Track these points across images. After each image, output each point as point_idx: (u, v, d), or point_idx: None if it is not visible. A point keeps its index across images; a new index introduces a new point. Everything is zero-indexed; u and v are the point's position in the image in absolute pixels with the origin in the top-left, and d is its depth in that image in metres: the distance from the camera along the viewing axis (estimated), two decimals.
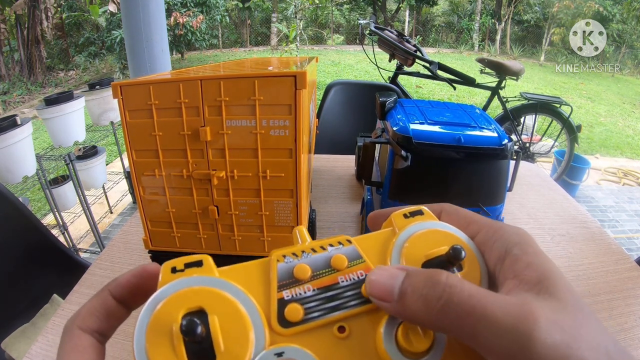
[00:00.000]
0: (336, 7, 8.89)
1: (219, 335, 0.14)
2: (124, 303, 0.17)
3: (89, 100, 1.74)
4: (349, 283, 0.16)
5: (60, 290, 0.84)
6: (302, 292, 0.15)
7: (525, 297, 0.14)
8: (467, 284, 0.14)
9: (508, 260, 0.16)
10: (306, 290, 0.15)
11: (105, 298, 0.17)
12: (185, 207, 0.38)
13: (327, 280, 0.16)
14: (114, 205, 2.25)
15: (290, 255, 0.16)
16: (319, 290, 0.15)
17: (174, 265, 0.16)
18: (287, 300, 0.15)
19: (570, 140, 2.17)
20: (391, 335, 0.15)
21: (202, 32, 5.86)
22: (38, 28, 5.21)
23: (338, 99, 1.24)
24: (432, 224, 0.18)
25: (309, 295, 0.15)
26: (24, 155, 1.34)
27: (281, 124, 0.34)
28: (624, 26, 6.82)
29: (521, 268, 0.15)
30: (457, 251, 0.15)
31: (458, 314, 0.13)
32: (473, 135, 0.41)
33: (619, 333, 0.45)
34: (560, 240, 0.63)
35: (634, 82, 6.35)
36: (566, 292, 0.14)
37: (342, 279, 0.16)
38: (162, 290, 0.15)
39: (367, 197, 0.56)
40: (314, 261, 0.16)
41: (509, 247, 0.16)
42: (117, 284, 0.17)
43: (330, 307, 0.15)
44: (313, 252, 0.16)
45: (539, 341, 0.12)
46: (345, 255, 0.16)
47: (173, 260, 0.16)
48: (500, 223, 0.18)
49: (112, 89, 0.34)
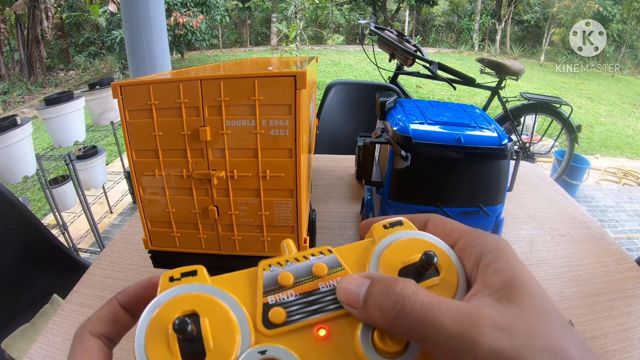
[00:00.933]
0: (336, 7, 8.89)
1: (209, 335, 0.15)
2: (130, 311, 0.19)
3: (89, 100, 1.74)
4: (329, 289, 0.17)
5: (60, 290, 0.84)
6: (285, 297, 0.17)
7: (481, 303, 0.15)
8: (422, 293, 0.15)
9: (481, 265, 0.17)
10: (289, 295, 0.17)
11: (114, 306, 0.18)
12: (185, 207, 0.38)
13: (309, 287, 0.17)
14: (114, 205, 2.25)
15: (276, 264, 0.18)
16: (301, 295, 0.17)
17: (172, 275, 0.17)
18: (272, 304, 0.16)
19: (570, 140, 2.17)
20: (367, 336, 0.16)
21: (202, 32, 5.86)
22: (38, 28, 5.21)
23: (338, 99, 1.24)
24: (410, 233, 0.19)
25: (291, 300, 0.17)
26: (24, 155, 1.34)
27: (281, 124, 0.34)
28: (624, 26, 6.81)
29: (489, 274, 0.16)
30: (429, 257, 0.17)
31: (410, 323, 0.14)
32: (473, 135, 0.41)
33: (618, 333, 0.45)
34: (560, 240, 0.63)
35: (634, 82, 6.35)
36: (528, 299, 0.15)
37: (323, 285, 0.17)
38: (160, 297, 0.16)
39: (367, 197, 0.56)
40: (296, 269, 0.18)
41: (485, 252, 0.17)
42: (125, 294, 0.19)
43: (311, 310, 0.16)
44: (296, 262, 0.18)
45: (484, 346, 0.13)
46: (326, 264, 0.18)
47: (171, 270, 0.17)
48: (480, 231, 0.19)
49: (112, 89, 0.34)
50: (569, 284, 0.53)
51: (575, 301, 0.50)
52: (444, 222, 0.20)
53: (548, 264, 0.57)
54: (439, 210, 0.41)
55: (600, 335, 0.45)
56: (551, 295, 0.51)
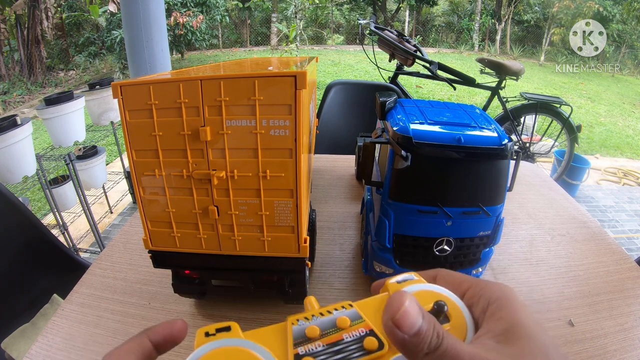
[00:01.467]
0: (336, 7, 8.88)
1: None
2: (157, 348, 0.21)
3: (89, 100, 1.74)
4: (352, 339, 0.19)
5: (60, 290, 0.84)
6: (313, 347, 0.18)
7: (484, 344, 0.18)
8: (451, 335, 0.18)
9: (487, 313, 0.19)
10: (317, 346, 0.19)
11: (144, 342, 0.20)
12: (185, 207, 0.38)
13: (334, 337, 0.19)
14: (114, 205, 2.25)
15: (303, 319, 0.20)
16: (328, 345, 0.19)
17: (207, 331, 0.19)
18: (302, 354, 0.18)
19: (570, 140, 2.17)
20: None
21: (202, 32, 5.85)
22: (38, 28, 5.21)
23: (338, 99, 1.24)
24: (422, 286, 0.21)
25: (319, 350, 0.18)
26: (24, 155, 1.34)
27: (281, 124, 0.34)
28: (624, 26, 6.81)
29: (494, 320, 0.19)
30: (440, 306, 0.19)
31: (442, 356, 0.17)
32: (473, 135, 0.41)
33: (618, 333, 0.45)
34: (560, 240, 0.63)
35: (634, 82, 6.35)
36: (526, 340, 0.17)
37: (347, 336, 0.19)
38: (198, 351, 0.18)
39: (367, 197, 0.56)
40: (322, 323, 0.20)
41: (491, 301, 0.20)
42: (156, 332, 0.21)
43: (337, 358, 0.18)
44: (321, 316, 0.20)
45: None
46: (348, 317, 0.20)
47: (206, 326, 0.20)
48: (487, 281, 0.21)
49: (112, 89, 0.34)
50: (569, 284, 0.53)
51: (575, 301, 0.50)
52: (451, 275, 0.23)
53: (548, 264, 0.57)
54: (439, 210, 0.41)
55: (600, 335, 0.45)
56: (551, 295, 0.51)
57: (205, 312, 0.47)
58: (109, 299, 0.49)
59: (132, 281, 0.52)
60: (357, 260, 0.57)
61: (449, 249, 0.44)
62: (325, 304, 0.21)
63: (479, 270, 0.48)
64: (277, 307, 0.48)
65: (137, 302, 0.49)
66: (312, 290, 0.50)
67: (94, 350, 0.43)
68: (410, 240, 0.44)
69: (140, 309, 0.48)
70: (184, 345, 0.44)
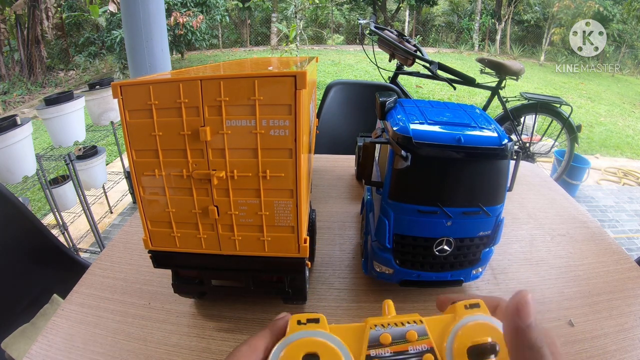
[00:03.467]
0: (336, 7, 8.89)
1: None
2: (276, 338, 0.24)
3: (89, 100, 1.75)
4: (416, 352, 0.21)
5: (60, 290, 0.84)
6: (382, 352, 0.21)
7: None
8: None
9: None
10: (386, 352, 0.21)
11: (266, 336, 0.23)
12: (185, 207, 0.37)
13: (401, 347, 0.22)
14: (114, 205, 2.25)
15: (380, 325, 0.23)
16: (394, 353, 0.21)
17: (299, 319, 0.23)
18: (372, 356, 0.21)
19: (570, 140, 2.17)
20: None
21: (202, 32, 5.86)
22: (38, 28, 5.21)
23: (338, 99, 1.24)
24: (484, 318, 0.23)
25: (387, 356, 0.21)
26: (24, 155, 1.34)
27: (281, 124, 0.34)
28: (624, 26, 6.81)
29: None
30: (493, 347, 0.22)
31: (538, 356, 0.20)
32: (473, 135, 0.41)
33: (618, 333, 0.45)
34: (560, 240, 0.63)
35: (634, 82, 6.35)
36: None
37: (412, 348, 0.22)
38: (292, 336, 0.22)
39: (367, 197, 0.56)
40: (394, 332, 0.22)
41: None
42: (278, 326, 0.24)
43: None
44: (395, 326, 0.23)
45: None
46: (417, 331, 0.22)
47: (299, 315, 0.23)
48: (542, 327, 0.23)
49: (112, 89, 0.34)
50: (569, 284, 0.53)
51: (575, 301, 0.50)
52: None
53: (548, 264, 0.57)
54: (439, 210, 0.41)
55: (600, 335, 0.45)
56: (551, 295, 0.51)
57: (205, 312, 0.47)
58: (109, 299, 0.49)
59: (132, 281, 0.52)
60: (357, 260, 0.57)
61: (448, 249, 0.44)
62: (325, 304, 0.23)
63: (479, 271, 0.48)
64: (277, 307, 0.48)
65: (137, 302, 0.49)
66: (312, 290, 0.50)
67: (94, 350, 0.42)
68: (410, 240, 0.44)
69: (140, 309, 0.48)
70: (190, 346, 0.44)
